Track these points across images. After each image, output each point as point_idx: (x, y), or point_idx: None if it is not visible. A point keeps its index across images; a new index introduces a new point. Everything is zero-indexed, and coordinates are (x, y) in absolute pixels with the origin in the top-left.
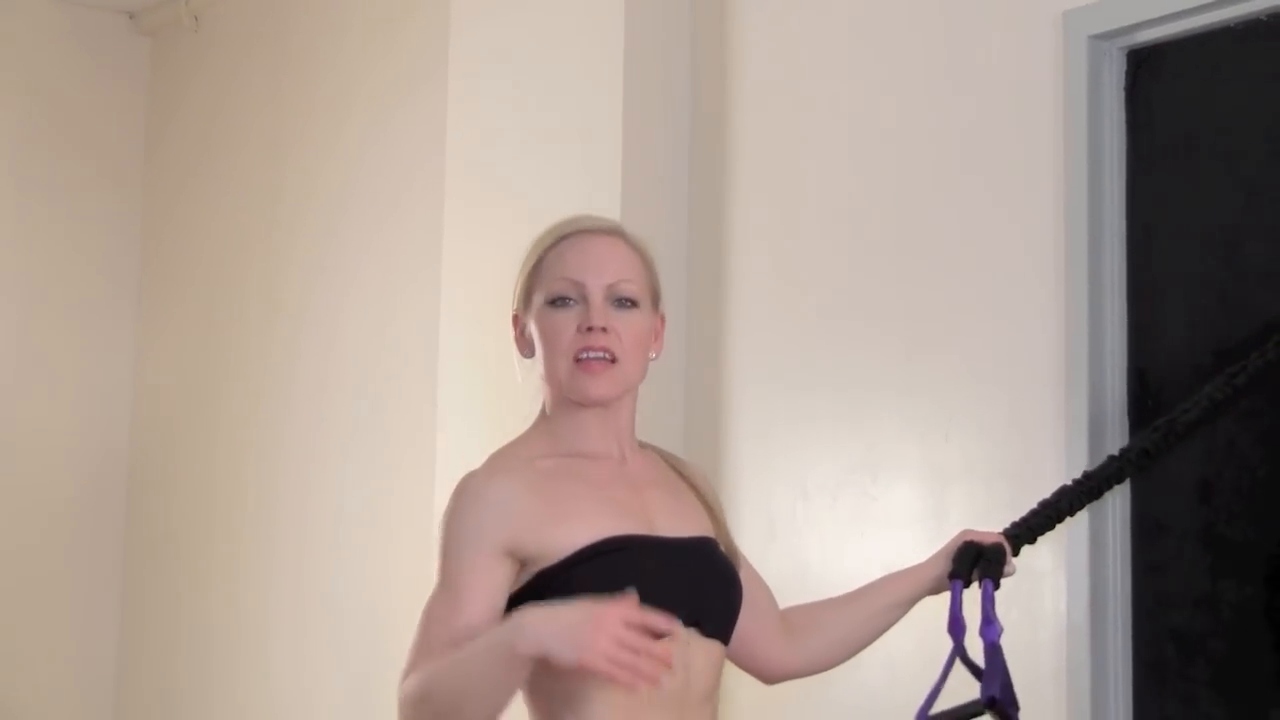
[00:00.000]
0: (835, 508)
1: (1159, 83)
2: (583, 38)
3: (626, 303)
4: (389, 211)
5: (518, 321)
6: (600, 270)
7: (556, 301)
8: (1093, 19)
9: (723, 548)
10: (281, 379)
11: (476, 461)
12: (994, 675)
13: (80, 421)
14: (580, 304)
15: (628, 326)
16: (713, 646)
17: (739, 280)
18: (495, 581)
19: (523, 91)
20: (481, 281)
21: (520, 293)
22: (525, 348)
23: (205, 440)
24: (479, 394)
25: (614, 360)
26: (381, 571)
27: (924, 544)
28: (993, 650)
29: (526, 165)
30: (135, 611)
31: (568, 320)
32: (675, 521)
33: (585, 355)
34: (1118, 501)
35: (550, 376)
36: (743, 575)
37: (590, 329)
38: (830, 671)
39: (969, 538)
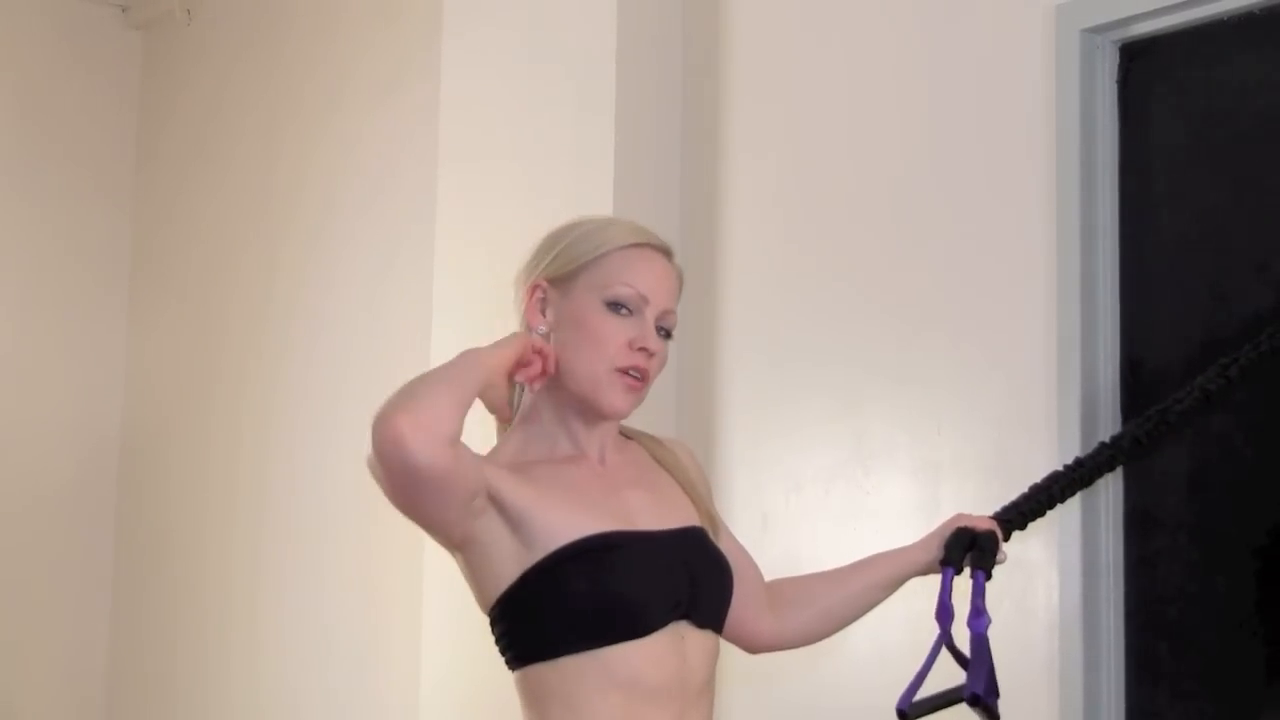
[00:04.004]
0: (827, 500)
1: (1152, 77)
2: (576, 19)
3: (664, 332)
4: (382, 199)
5: (537, 290)
6: (662, 295)
7: (615, 306)
8: (1085, 12)
9: (706, 524)
10: (274, 369)
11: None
12: (979, 668)
13: (72, 414)
14: (637, 318)
15: (662, 354)
16: (706, 638)
17: (731, 270)
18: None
19: (516, 77)
20: (475, 268)
21: (560, 269)
22: (541, 322)
23: (197, 432)
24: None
25: (645, 380)
26: (374, 564)
27: (916, 536)
28: (979, 642)
29: (519, 151)
30: (126, 605)
31: (622, 329)
32: (657, 517)
33: (631, 373)
34: (1110, 495)
35: (575, 369)
36: (727, 547)
37: (643, 349)
38: (820, 654)
39: (962, 523)
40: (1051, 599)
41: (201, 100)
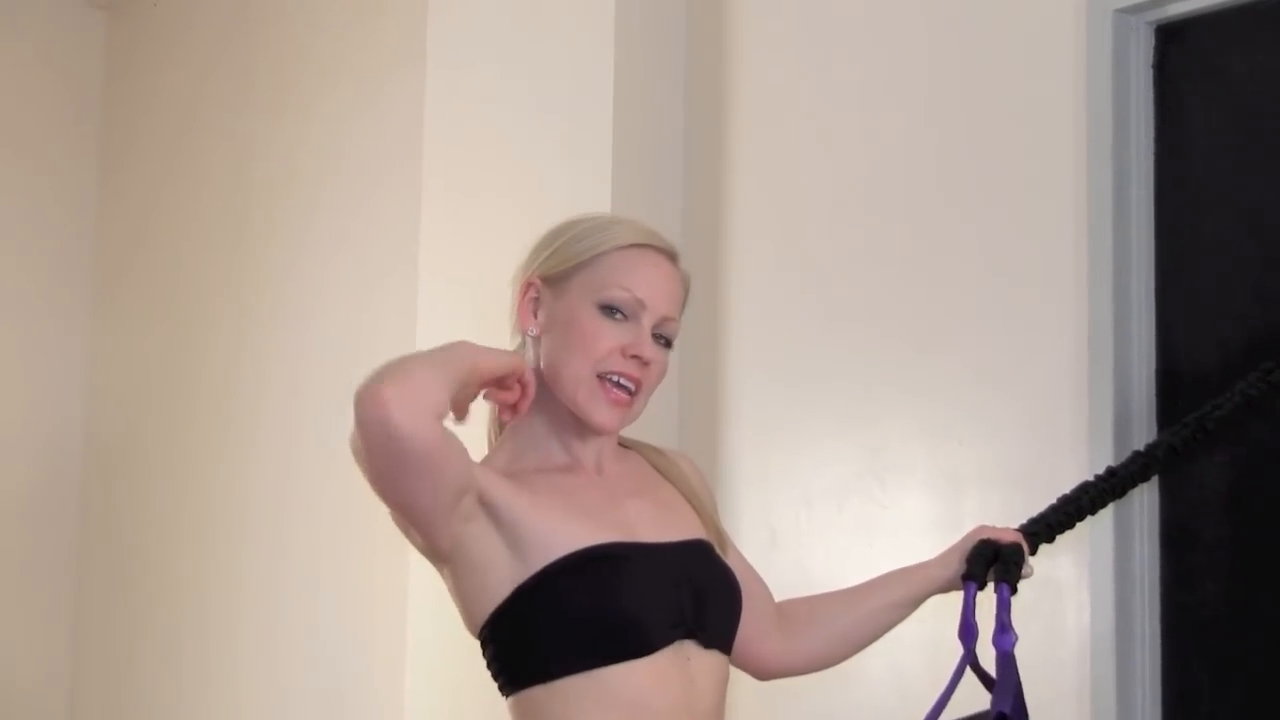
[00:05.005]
0: (841, 516)
1: (1190, 60)
2: (570, 15)
3: (663, 341)
4: (365, 200)
5: (530, 289)
6: (661, 300)
7: (609, 309)
8: None
9: (712, 538)
10: (247, 375)
11: None
12: (1006, 688)
13: (29, 420)
14: (631, 323)
15: (660, 364)
16: (714, 658)
17: (737, 274)
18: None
19: (505, 72)
20: (461, 275)
21: (555, 268)
22: (532, 323)
23: (164, 439)
24: None
25: (637, 392)
26: (355, 581)
27: (936, 553)
28: (1005, 660)
29: (509, 152)
30: (89, 624)
31: (614, 333)
32: (659, 529)
33: (617, 379)
34: (1145, 508)
35: (560, 374)
36: (733, 564)
37: (635, 357)
38: (835, 681)
39: (985, 535)
40: (1082, 619)
41: (171, 89)
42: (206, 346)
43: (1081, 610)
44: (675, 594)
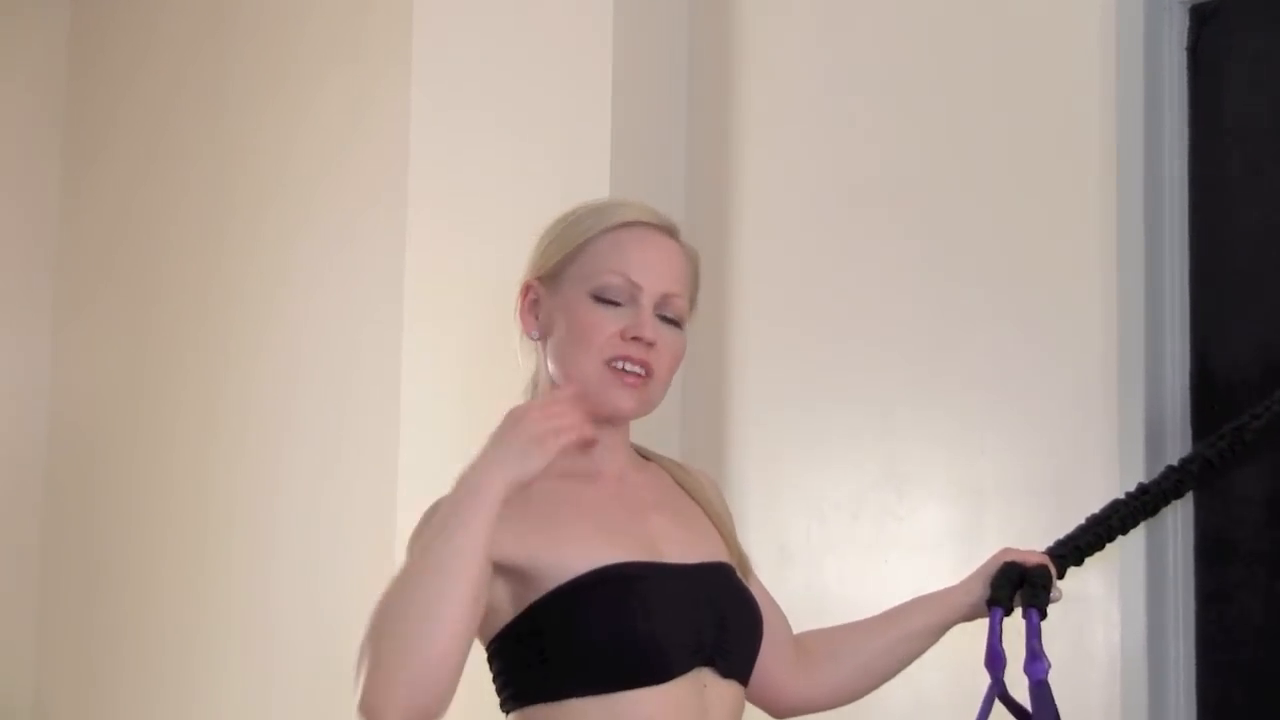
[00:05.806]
0: (855, 529)
1: (1226, 43)
2: (566, 2)
3: (670, 321)
4: (352, 199)
5: (529, 292)
6: (657, 278)
7: (603, 298)
8: None
9: (734, 562)
10: (223, 378)
11: (441, 475)
12: (1043, 718)
13: None
14: (629, 306)
15: (670, 345)
16: (731, 688)
17: (743, 276)
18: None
19: (497, 62)
20: (449, 281)
21: (547, 264)
22: (533, 326)
23: (135, 446)
24: (445, 403)
25: (649, 376)
26: (335, 590)
27: (956, 569)
28: (1040, 689)
29: (501, 150)
30: (55, 638)
31: (611, 320)
32: (683, 548)
33: (622, 365)
34: (1178, 520)
35: (569, 372)
36: (754, 591)
37: (636, 339)
38: (848, 709)
39: (1010, 558)
40: (1112, 638)
41: (141, 85)
42: (182, 359)
43: (1111, 627)
44: (697, 618)
